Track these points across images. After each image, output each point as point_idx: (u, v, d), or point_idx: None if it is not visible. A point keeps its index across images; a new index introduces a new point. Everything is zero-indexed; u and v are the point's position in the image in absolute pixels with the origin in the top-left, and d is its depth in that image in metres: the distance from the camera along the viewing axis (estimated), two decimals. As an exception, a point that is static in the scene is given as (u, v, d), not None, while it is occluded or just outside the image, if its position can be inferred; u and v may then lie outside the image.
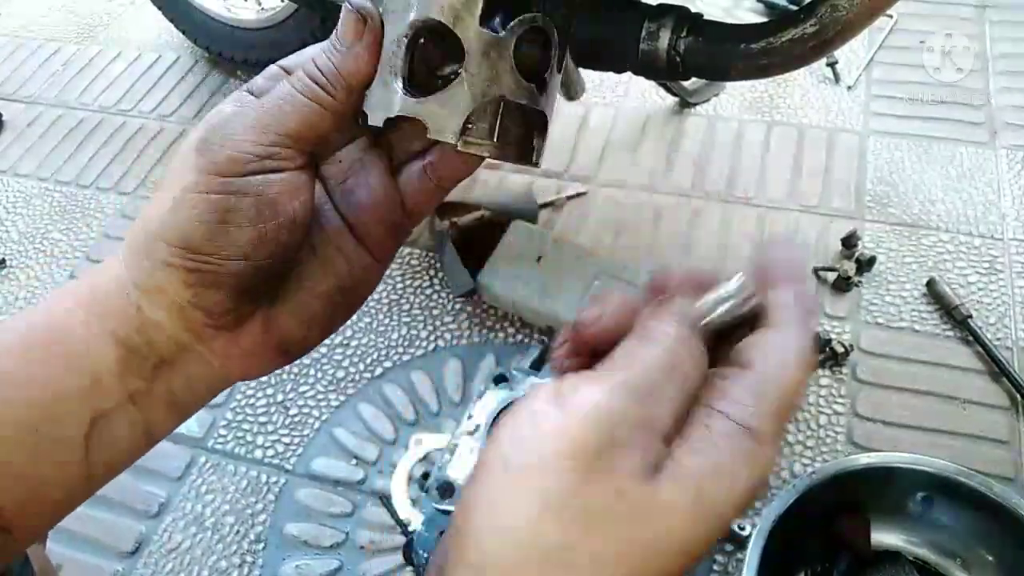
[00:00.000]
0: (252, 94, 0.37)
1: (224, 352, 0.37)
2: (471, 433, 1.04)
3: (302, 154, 0.36)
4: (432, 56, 0.37)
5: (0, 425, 0.35)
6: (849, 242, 1.34)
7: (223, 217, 0.34)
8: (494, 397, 0.92)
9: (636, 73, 0.99)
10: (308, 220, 0.37)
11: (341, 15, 0.36)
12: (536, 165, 0.40)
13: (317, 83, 0.36)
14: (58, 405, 0.36)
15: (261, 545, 1.09)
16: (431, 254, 1.38)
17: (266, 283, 0.37)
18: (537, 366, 1.21)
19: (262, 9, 1.73)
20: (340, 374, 1.26)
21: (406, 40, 0.35)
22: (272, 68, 0.39)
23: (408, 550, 1.00)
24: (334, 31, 0.37)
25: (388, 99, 0.36)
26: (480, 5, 0.34)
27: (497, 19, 0.35)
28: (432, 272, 1.37)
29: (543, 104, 0.38)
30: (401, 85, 0.36)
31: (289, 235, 0.36)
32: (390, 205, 0.41)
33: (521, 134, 0.38)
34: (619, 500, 0.27)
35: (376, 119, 0.36)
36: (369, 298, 0.45)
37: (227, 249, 0.34)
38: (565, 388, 0.29)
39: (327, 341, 1.29)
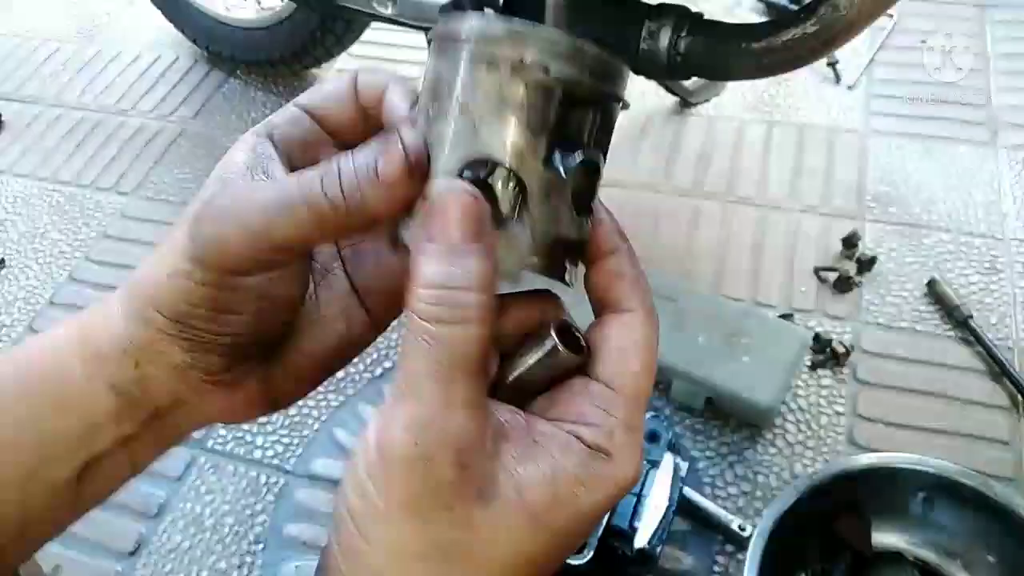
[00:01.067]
0: (272, 141, 0.36)
1: (218, 405, 0.38)
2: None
3: (302, 254, 0.35)
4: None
5: None
6: (850, 242, 1.34)
7: (216, 306, 0.34)
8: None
9: (636, 73, 0.99)
10: (305, 295, 0.37)
11: (387, 140, 0.31)
12: (569, 285, 0.36)
13: (334, 205, 0.31)
14: (53, 449, 0.36)
15: (260, 546, 1.09)
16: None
17: (264, 347, 0.37)
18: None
19: (261, 9, 1.72)
20: (340, 374, 1.25)
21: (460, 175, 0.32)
22: (293, 111, 0.37)
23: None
24: (374, 143, 0.32)
25: None
26: (544, 147, 0.32)
27: (556, 156, 0.33)
28: (432, 272, 1.37)
29: (588, 233, 0.35)
30: None
31: (285, 315, 0.37)
32: (397, 277, 0.39)
33: (558, 251, 0.35)
34: (464, 530, 0.29)
35: None
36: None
37: (221, 328, 0.34)
38: (379, 428, 0.29)
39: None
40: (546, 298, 0.34)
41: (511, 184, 0.32)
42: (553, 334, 0.32)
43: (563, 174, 0.33)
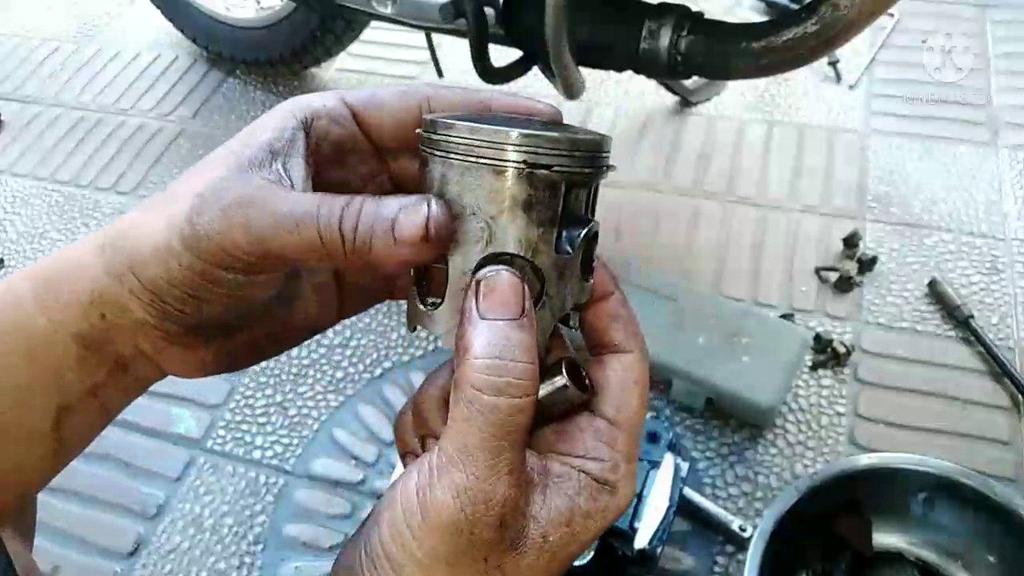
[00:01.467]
0: (306, 131, 0.36)
1: (175, 362, 0.39)
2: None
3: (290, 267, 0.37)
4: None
5: None
6: (850, 242, 1.34)
7: (192, 292, 0.35)
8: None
9: (637, 72, 0.99)
10: (278, 298, 0.39)
11: (416, 201, 0.33)
12: (572, 329, 0.39)
13: (344, 239, 0.32)
14: (24, 399, 0.37)
15: (260, 546, 1.08)
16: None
17: (225, 327, 0.39)
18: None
19: (261, 8, 1.72)
20: (339, 375, 1.25)
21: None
22: (340, 108, 0.38)
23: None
24: (404, 199, 0.33)
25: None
26: (555, 236, 0.34)
27: (564, 238, 0.35)
28: (432, 272, 1.37)
29: (591, 291, 0.37)
30: None
31: (254, 311, 0.38)
32: (380, 275, 0.42)
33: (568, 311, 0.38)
34: (494, 573, 0.32)
35: (450, 342, 0.34)
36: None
37: (190, 309, 0.35)
38: (424, 489, 0.32)
39: (326, 341, 1.29)
40: (554, 336, 0.37)
41: (529, 274, 0.34)
42: (564, 372, 0.35)
43: (571, 252, 0.35)
